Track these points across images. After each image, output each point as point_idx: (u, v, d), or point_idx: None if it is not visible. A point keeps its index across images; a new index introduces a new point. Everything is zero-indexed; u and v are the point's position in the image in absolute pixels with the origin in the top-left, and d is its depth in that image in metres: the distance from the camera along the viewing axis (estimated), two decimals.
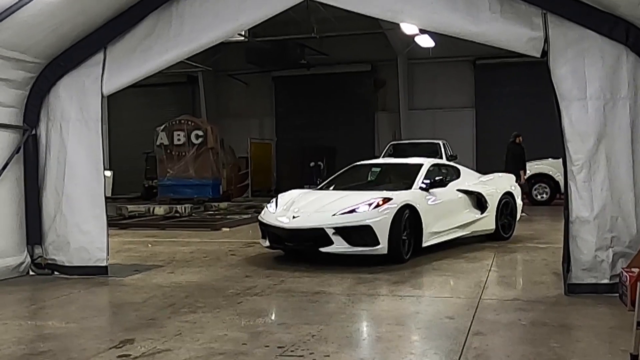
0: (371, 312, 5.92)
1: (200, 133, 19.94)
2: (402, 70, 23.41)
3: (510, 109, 22.52)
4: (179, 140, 19.99)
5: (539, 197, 17.74)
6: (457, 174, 10.26)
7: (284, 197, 9.21)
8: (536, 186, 17.77)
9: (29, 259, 8.04)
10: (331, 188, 9.82)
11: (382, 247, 7.86)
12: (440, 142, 17.84)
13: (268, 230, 8.71)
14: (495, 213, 10.02)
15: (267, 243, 8.72)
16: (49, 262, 8.00)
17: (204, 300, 6.41)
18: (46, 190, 8.09)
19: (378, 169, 10.93)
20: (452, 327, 5.35)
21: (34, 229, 8.05)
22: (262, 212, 9.19)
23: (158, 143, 20.24)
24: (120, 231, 12.67)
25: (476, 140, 23.68)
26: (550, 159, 16.78)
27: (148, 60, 7.77)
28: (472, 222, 9.59)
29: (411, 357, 4.60)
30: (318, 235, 8.02)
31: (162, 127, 20.23)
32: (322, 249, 7.99)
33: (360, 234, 7.88)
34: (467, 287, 6.90)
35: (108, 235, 7.87)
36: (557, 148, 6.60)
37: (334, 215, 8.08)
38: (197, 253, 9.54)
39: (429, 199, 8.88)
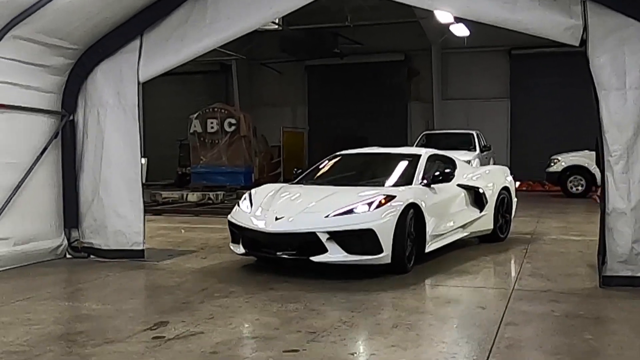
0: (401, 300, 5.91)
1: (233, 121, 20.04)
2: (436, 59, 23.20)
3: (546, 99, 22.20)
4: (212, 128, 20.11)
5: (574, 189, 17.48)
6: (453, 166, 8.85)
7: (260, 194, 7.73)
8: (571, 178, 17.50)
9: (66, 242, 8.22)
10: (313, 183, 8.33)
11: (386, 255, 6.64)
12: (474, 133, 17.65)
13: (243, 234, 7.22)
14: (493, 211, 8.91)
15: (241, 249, 7.24)
16: (86, 245, 8.16)
17: (237, 285, 6.48)
18: (83, 174, 8.24)
19: (368, 160, 9.37)
20: (484, 317, 5.32)
21: (71, 212, 8.23)
22: (233, 210, 7.64)
23: (192, 131, 20.40)
24: (155, 217, 12.86)
25: (510, 131, 23.39)
26: (586, 151, 16.51)
27: (183, 48, 7.85)
28: (471, 222, 8.46)
29: (443, 346, 4.58)
30: (308, 242, 6.71)
31: (195, 115, 20.38)
32: (314, 258, 6.62)
33: (360, 239, 6.63)
34: (499, 278, 6.86)
35: (145, 219, 7.99)
36: (593, 140, 6.50)
37: (327, 216, 6.75)
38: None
39: (431, 196, 7.68)
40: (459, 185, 8.40)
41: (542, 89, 22.46)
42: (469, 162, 15.30)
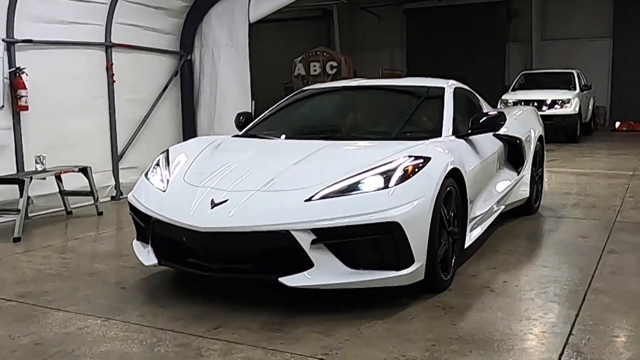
0: (504, 227, 5.76)
1: (334, 64, 19.95)
2: None
3: None
4: (314, 70, 20.12)
5: None
6: (478, 103, 6.01)
7: (184, 155, 4.47)
8: None
9: None
10: (278, 135, 5.00)
11: (418, 267, 3.61)
12: (574, 72, 16.67)
13: (153, 231, 3.99)
14: (530, 172, 6.12)
15: (152, 257, 4.01)
16: None
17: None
18: (200, 110, 8.51)
19: (362, 97, 5.78)
20: (586, 245, 5.12)
21: None
22: (137, 184, 4.41)
23: (295, 74, 20.50)
24: None
25: (612, 72, 21.97)
26: None
27: None
28: (507, 192, 5.53)
29: (544, 270, 4.46)
30: (276, 248, 3.59)
31: (299, 59, 20.43)
32: (287, 280, 3.49)
33: (373, 243, 3.55)
34: (601, 211, 6.54)
35: None
36: None
37: (310, 199, 3.60)
38: None
39: (471, 154, 4.68)
40: (496, 135, 5.31)
41: None
42: (568, 101, 14.66)
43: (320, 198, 3.59)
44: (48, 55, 6.93)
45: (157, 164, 4.45)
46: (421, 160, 3.82)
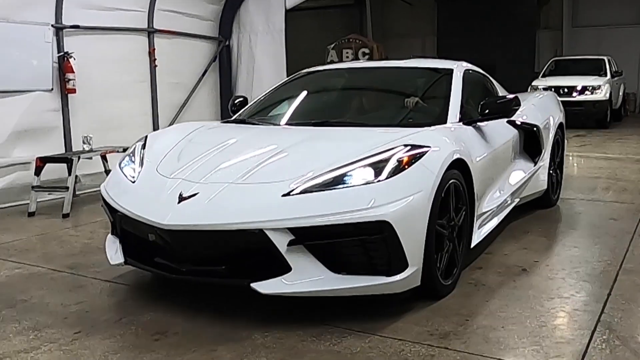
0: (534, 210, 5.67)
1: (366, 51, 19.80)
2: None
3: None
4: (347, 57, 19.99)
5: None
6: (492, 88, 5.43)
7: (165, 141, 4.01)
8: None
9: None
10: (264, 121, 4.51)
11: (412, 272, 3.09)
12: (605, 58, 16.26)
13: (121, 226, 3.56)
14: (548, 162, 5.49)
15: (120, 256, 3.54)
16: None
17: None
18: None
19: (362, 79, 5.21)
20: (617, 227, 5.02)
21: None
22: (110, 175, 4.02)
23: (328, 60, 20.39)
24: None
25: None
26: None
27: None
28: (523, 184, 4.94)
29: (575, 250, 4.39)
30: (249, 249, 3.10)
31: (332, 46, 20.33)
32: (259, 287, 3.00)
33: (361, 245, 3.01)
34: (632, 195, 6.40)
35: None
36: None
37: (288, 194, 3.10)
38: None
39: (480, 142, 4.10)
40: (510, 122, 4.74)
41: None
42: (599, 87, 14.32)
43: (300, 192, 3.06)
44: (94, 40, 7.02)
45: (133, 152, 3.94)
46: (419, 150, 3.26)
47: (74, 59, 6.61)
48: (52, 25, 6.52)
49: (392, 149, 3.27)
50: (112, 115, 7.23)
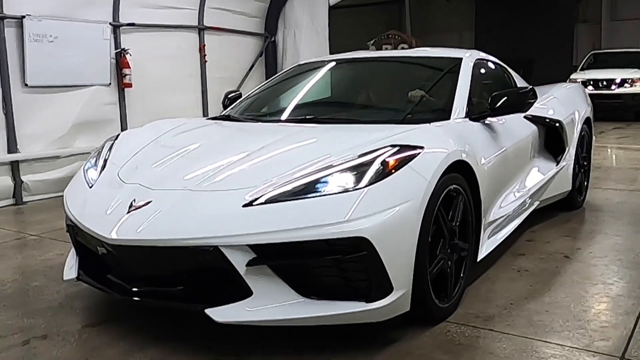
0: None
1: (405, 46, 19.46)
2: None
3: None
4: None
5: None
6: (510, 80, 4.81)
7: (136, 140, 3.51)
8: None
9: None
10: (248, 118, 3.96)
11: (399, 297, 2.50)
12: None
13: (76, 238, 3.04)
14: (573, 160, 4.81)
15: (73, 271, 3.02)
16: None
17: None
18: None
19: (361, 72, 4.61)
20: None
21: None
22: (73, 179, 3.43)
23: None
24: None
25: None
26: None
27: None
28: (543, 185, 4.36)
29: (617, 239, 4.29)
30: (204, 268, 2.52)
31: (372, 42, 20.13)
32: (213, 313, 2.42)
33: (336, 265, 2.41)
34: None
35: None
36: None
37: (249, 204, 2.49)
38: None
39: (489, 141, 3.48)
40: (527, 117, 4.23)
41: None
42: (638, 79, 13.86)
43: (265, 202, 2.47)
44: (148, 37, 7.16)
45: (99, 153, 3.44)
46: (409, 152, 2.65)
47: (130, 55, 6.76)
48: (110, 23, 6.67)
49: (377, 150, 2.66)
50: (165, 108, 7.37)
